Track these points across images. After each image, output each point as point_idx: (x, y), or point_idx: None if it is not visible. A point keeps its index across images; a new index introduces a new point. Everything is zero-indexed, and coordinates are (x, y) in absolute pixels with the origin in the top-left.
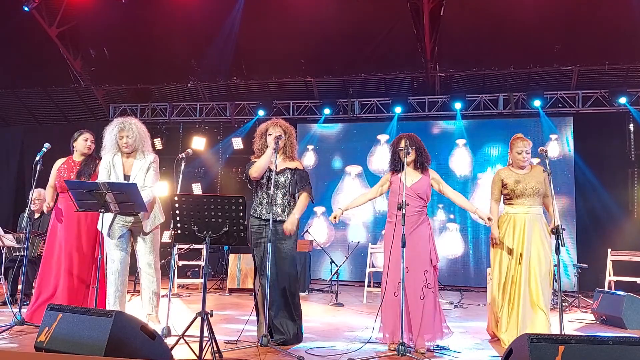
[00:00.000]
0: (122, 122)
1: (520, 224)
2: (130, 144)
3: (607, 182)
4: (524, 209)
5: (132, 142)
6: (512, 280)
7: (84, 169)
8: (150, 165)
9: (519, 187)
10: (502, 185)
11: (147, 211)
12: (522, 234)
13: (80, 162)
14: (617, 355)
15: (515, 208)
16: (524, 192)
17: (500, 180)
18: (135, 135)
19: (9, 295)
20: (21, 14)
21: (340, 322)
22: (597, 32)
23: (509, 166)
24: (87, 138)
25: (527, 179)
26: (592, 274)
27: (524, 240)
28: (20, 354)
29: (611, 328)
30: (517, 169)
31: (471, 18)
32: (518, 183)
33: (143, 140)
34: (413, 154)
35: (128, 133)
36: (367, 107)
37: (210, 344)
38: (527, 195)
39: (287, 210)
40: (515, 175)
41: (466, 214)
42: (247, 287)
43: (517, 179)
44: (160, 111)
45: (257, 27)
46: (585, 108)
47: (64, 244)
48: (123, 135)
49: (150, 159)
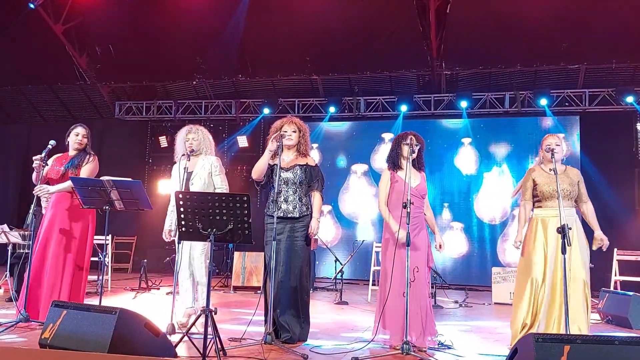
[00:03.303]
0: (190, 127)
1: (549, 227)
2: (195, 145)
3: (613, 182)
4: (554, 211)
5: (196, 143)
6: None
7: (74, 159)
8: (214, 166)
9: (551, 189)
10: (534, 185)
11: (151, 208)
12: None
13: (72, 157)
14: (624, 355)
15: (545, 210)
16: (554, 193)
17: (532, 180)
18: (199, 138)
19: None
20: (27, 11)
21: (344, 320)
22: (604, 30)
23: (539, 165)
24: (77, 133)
25: (560, 180)
26: (598, 273)
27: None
28: (24, 351)
29: (617, 328)
30: (548, 163)
31: (477, 16)
32: (549, 184)
33: (207, 144)
34: (416, 152)
35: (194, 135)
36: (373, 105)
37: (215, 342)
38: (557, 197)
39: (298, 207)
40: (546, 174)
41: (471, 212)
42: (251, 284)
43: (548, 179)
44: (166, 109)
45: (262, 25)
46: (592, 107)
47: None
48: (189, 137)
49: (212, 159)
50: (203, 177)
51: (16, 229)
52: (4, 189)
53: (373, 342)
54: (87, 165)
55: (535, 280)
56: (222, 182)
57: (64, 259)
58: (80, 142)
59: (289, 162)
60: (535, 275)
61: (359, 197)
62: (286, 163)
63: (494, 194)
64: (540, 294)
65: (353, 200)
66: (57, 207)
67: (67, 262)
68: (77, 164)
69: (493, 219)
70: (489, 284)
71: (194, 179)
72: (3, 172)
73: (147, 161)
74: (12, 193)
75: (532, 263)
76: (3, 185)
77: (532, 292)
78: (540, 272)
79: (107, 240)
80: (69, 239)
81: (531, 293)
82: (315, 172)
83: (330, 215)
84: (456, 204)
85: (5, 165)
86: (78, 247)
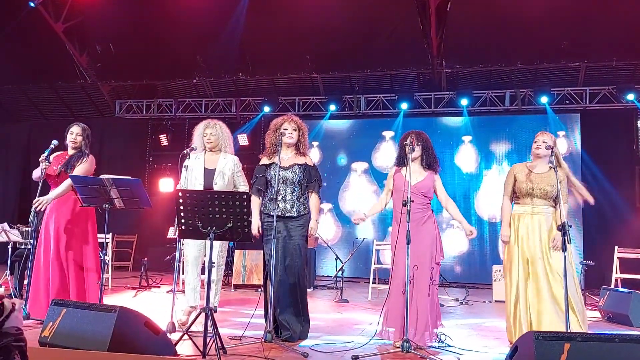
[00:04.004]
0: (208, 122)
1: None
2: (213, 141)
3: (614, 179)
4: (529, 208)
5: (214, 138)
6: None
7: (69, 161)
8: (235, 166)
9: (527, 186)
10: (514, 182)
11: (151, 207)
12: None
13: (70, 156)
14: (624, 353)
15: (523, 207)
16: (530, 191)
17: (514, 176)
18: (218, 133)
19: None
20: (27, 10)
21: (345, 319)
22: (605, 28)
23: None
24: (72, 132)
25: (539, 179)
26: (598, 271)
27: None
28: None
29: (617, 326)
30: (535, 159)
31: (478, 14)
32: (529, 182)
33: (226, 140)
34: (418, 150)
35: (212, 130)
36: (373, 103)
37: (215, 340)
38: (533, 196)
39: (296, 206)
40: (527, 172)
41: (471, 211)
42: (252, 283)
43: (527, 177)
44: (166, 107)
45: (262, 23)
46: (592, 104)
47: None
48: (207, 133)
49: (234, 159)
50: (227, 176)
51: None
52: (4, 187)
53: (374, 339)
54: (81, 165)
55: (518, 274)
56: (245, 181)
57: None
58: (74, 140)
59: (288, 161)
60: (518, 269)
61: (359, 195)
62: (285, 162)
63: (494, 192)
64: (522, 289)
65: (353, 199)
66: (59, 207)
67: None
68: (72, 164)
69: (493, 217)
70: (490, 282)
71: (217, 177)
72: (4, 170)
73: (147, 159)
74: (12, 191)
75: (512, 259)
76: (3, 183)
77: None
78: (522, 267)
79: (108, 238)
80: (72, 237)
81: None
82: (314, 172)
83: (331, 214)
84: (456, 202)
85: (6, 163)
86: (82, 246)
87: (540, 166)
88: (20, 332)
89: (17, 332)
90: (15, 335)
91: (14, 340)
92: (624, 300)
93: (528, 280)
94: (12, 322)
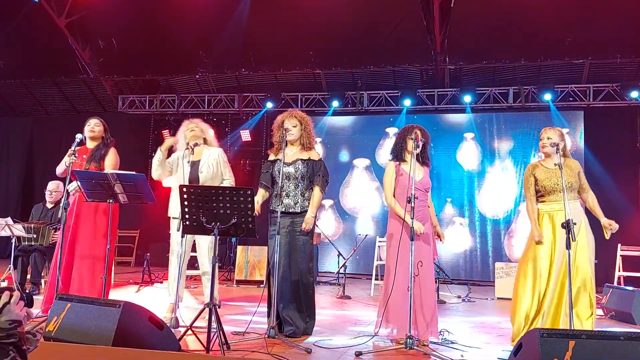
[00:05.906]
0: (188, 120)
1: (556, 221)
2: (197, 131)
3: (617, 177)
4: (558, 205)
5: (198, 130)
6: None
7: (94, 153)
8: (219, 157)
9: (552, 182)
10: (535, 181)
11: (155, 202)
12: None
13: (92, 149)
14: (628, 351)
15: (549, 205)
16: (555, 187)
17: (533, 176)
18: (200, 126)
19: (18, 284)
20: (30, 5)
21: (347, 315)
22: (608, 25)
23: (539, 161)
24: (89, 123)
25: (558, 173)
26: (601, 269)
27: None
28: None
29: (620, 323)
30: (545, 156)
31: (481, 10)
32: (549, 178)
33: (205, 130)
34: (421, 147)
35: (193, 126)
36: (376, 99)
37: (218, 335)
38: (559, 191)
39: (299, 202)
40: (545, 169)
41: (474, 208)
42: (254, 278)
43: (548, 174)
44: (169, 102)
45: (265, 19)
46: (596, 102)
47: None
48: (189, 127)
49: (218, 151)
50: (212, 166)
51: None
52: (7, 182)
53: (376, 336)
54: (109, 158)
55: (540, 275)
56: (230, 173)
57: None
58: (92, 130)
59: (291, 157)
60: (541, 269)
61: (361, 191)
62: (289, 157)
63: (497, 189)
64: (544, 288)
65: (354, 195)
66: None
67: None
68: (99, 157)
69: (496, 214)
70: (492, 279)
71: (202, 167)
72: (6, 165)
73: (150, 155)
74: (15, 186)
75: (537, 257)
76: (6, 178)
77: (535, 285)
78: (545, 267)
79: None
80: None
81: (535, 287)
82: (318, 166)
83: (332, 210)
84: (459, 199)
85: (9, 158)
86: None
87: (552, 162)
88: (14, 326)
89: (11, 325)
90: (7, 330)
91: (6, 337)
92: (627, 298)
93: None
94: (6, 316)
